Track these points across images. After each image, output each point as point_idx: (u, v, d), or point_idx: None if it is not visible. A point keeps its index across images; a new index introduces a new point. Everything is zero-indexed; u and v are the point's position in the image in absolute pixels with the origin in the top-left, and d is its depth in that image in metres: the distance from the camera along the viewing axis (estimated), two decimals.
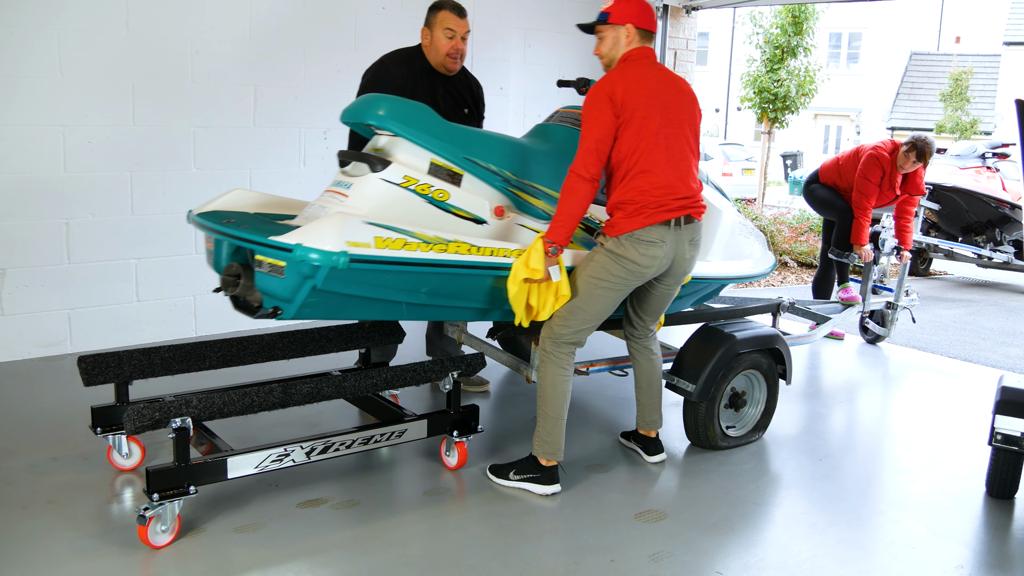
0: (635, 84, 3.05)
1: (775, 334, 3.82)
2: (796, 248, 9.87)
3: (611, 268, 3.10)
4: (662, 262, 3.15)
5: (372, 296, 2.86)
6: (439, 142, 3.07)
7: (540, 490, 3.23)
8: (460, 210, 3.12)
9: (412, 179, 3.02)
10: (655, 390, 3.55)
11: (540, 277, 3.00)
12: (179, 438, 2.73)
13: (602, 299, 3.14)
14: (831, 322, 5.05)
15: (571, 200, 3.02)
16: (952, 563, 2.91)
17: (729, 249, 4.11)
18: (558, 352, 3.18)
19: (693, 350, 3.69)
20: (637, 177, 3.06)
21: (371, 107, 3.06)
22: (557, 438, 3.22)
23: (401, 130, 3.02)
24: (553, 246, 3.00)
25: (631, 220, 3.07)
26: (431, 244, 2.84)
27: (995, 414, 3.28)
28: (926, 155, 5.35)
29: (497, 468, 3.32)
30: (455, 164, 3.11)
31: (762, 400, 3.86)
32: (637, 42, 3.15)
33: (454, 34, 3.75)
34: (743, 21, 14.68)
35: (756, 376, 3.81)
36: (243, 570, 2.65)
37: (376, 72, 3.84)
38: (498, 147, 3.24)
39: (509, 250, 3.04)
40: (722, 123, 30.57)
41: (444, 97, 3.88)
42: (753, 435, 3.86)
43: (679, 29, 6.58)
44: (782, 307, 4.70)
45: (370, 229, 2.71)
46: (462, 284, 3.02)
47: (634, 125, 3.03)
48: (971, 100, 22.88)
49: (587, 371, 3.74)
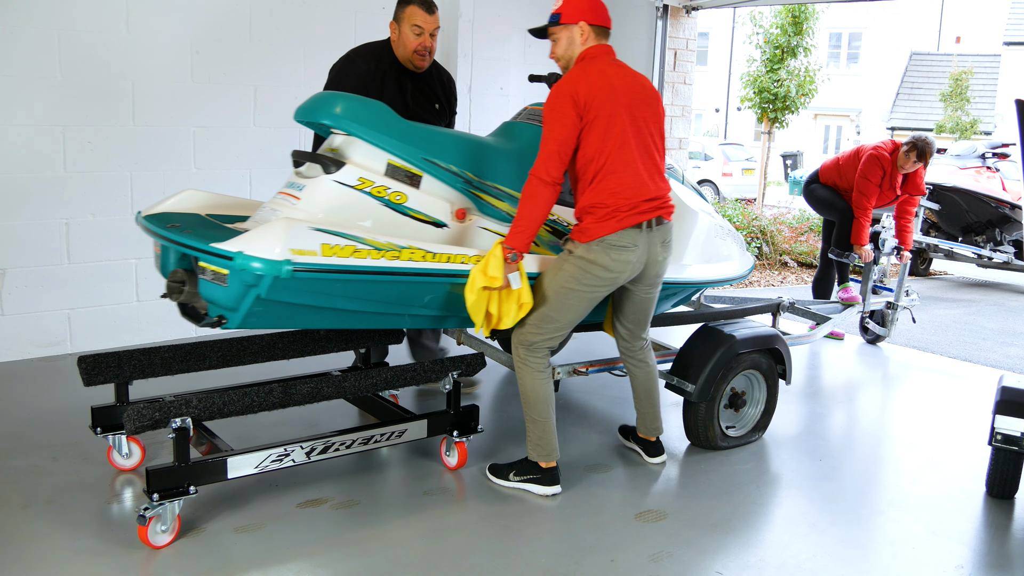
0: (598, 83, 2.96)
1: (775, 334, 3.82)
2: (796, 248, 9.87)
3: (581, 276, 3.02)
4: (635, 266, 3.08)
5: (323, 305, 2.77)
6: (397, 142, 2.97)
7: (541, 491, 3.21)
8: (419, 213, 3.02)
9: (367, 181, 2.91)
10: (654, 399, 3.50)
11: (498, 285, 2.91)
12: (179, 438, 2.73)
13: (574, 307, 3.07)
14: (831, 322, 5.05)
15: (532, 205, 2.92)
16: (952, 563, 2.91)
17: (705, 251, 4.02)
18: (532, 358, 3.13)
19: (693, 350, 3.69)
20: (607, 179, 2.98)
21: (325, 105, 2.96)
22: (549, 439, 3.19)
23: (356, 130, 2.92)
24: (512, 252, 2.92)
25: (603, 224, 2.98)
26: (383, 251, 2.74)
27: (995, 414, 3.27)
28: (926, 155, 5.35)
29: (497, 468, 3.30)
30: (414, 165, 3.01)
31: (762, 400, 3.86)
32: (593, 39, 3.06)
33: (422, 31, 3.61)
34: (743, 21, 14.68)
35: (756, 376, 3.81)
36: (243, 570, 2.65)
37: (342, 67, 3.73)
38: (460, 147, 3.14)
39: (467, 256, 2.94)
40: (722, 123, 30.57)
41: (414, 93, 3.77)
42: (753, 435, 3.86)
43: (679, 29, 6.57)
44: (782, 307, 4.70)
45: (317, 236, 2.60)
46: (418, 292, 2.93)
47: (600, 125, 2.94)
48: (971, 100, 22.89)
49: (587, 371, 3.74)
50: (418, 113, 3.75)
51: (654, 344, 4.21)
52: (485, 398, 4.30)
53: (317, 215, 2.83)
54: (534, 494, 3.20)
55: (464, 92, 5.79)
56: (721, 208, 10.57)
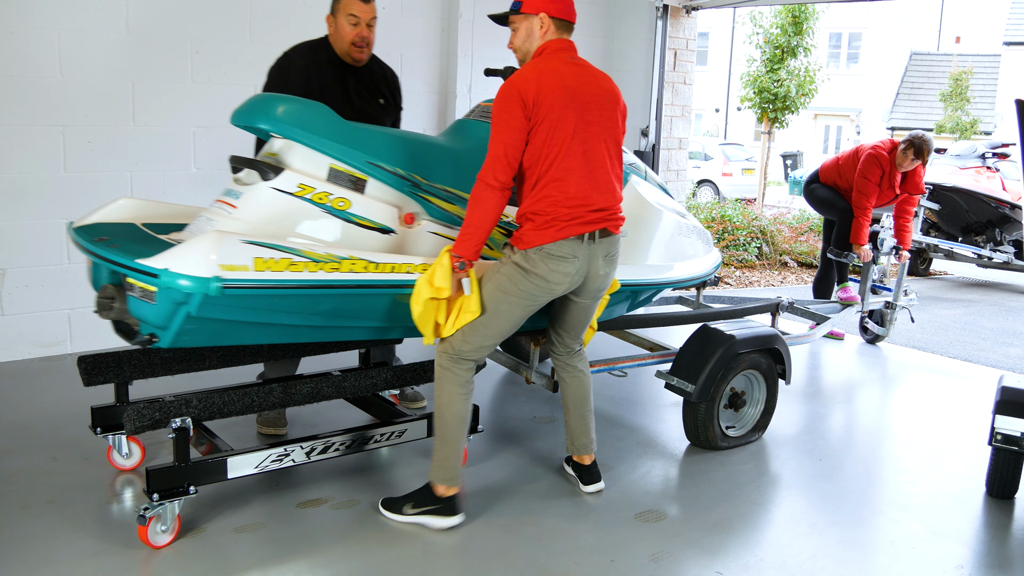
0: (549, 82, 2.77)
1: (774, 334, 3.82)
2: (796, 248, 9.87)
3: (518, 283, 2.84)
4: (573, 279, 2.89)
5: (261, 321, 2.65)
6: (339, 145, 2.84)
7: (439, 523, 2.94)
8: (364, 219, 2.87)
9: (308, 188, 2.78)
10: (584, 410, 3.27)
11: (445, 296, 2.75)
12: (179, 438, 2.73)
13: (507, 316, 2.88)
14: (830, 322, 5.05)
15: (479, 211, 2.75)
16: (952, 563, 2.91)
17: (669, 251, 3.86)
18: (456, 368, 2.90)
19: (692, 350, 3.69)
20: (548, 186, 2.80)
21: (261, 109, 2.82)
22: (455, 463, 2.95)
23: (295, 134, 2.78)
24: (460, 260, 2.75)
25: (541, 233, 2.81)
26: (321, 263, 2.60)
27: (995, 414, 3.28)
28: (924, 153, 5.35)
29: (390, 502, 3.02)
30: (357, 169, 2.88)
31: (762, 400, 3.86)
32: (553, 33, 2.88)
33: (358, 21, 3.48)
34: (743, 21, 14.68)
35: (755, 376, 3.81)
36: (243, 570, 2.65)
37: (280, 66, 3.59)
38: (406, 149, 3.01)
39: (413, 265, 2.80)
40: (722, 123, 30.57)
41: (356, 88, 3.63)
42: (753, 435, 3.86)
43: (679, 29, 6.57)
44: (781, 307, 4.70)
45: (249, 249, 2.46)
46: (361, 304, 2.80)
47: (545, 129, 2.76)
48: (971, 100, 22.90)
49: None
50: (363, 109, 3.61)
51: (653, 344, 4.22)
52: (485, 398, 4.30)
53: (254, 225, 2.70)
54: (431, 528, 2.94)
55: (464, 92, 5.80)
56: (721, 208, 10.57)
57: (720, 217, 10.12)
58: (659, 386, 4.32)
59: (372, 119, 3.60)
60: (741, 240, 9.68)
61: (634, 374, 4.66)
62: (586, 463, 3.29)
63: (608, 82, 2.95)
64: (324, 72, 3.55)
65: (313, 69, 3.53)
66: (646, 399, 4.42)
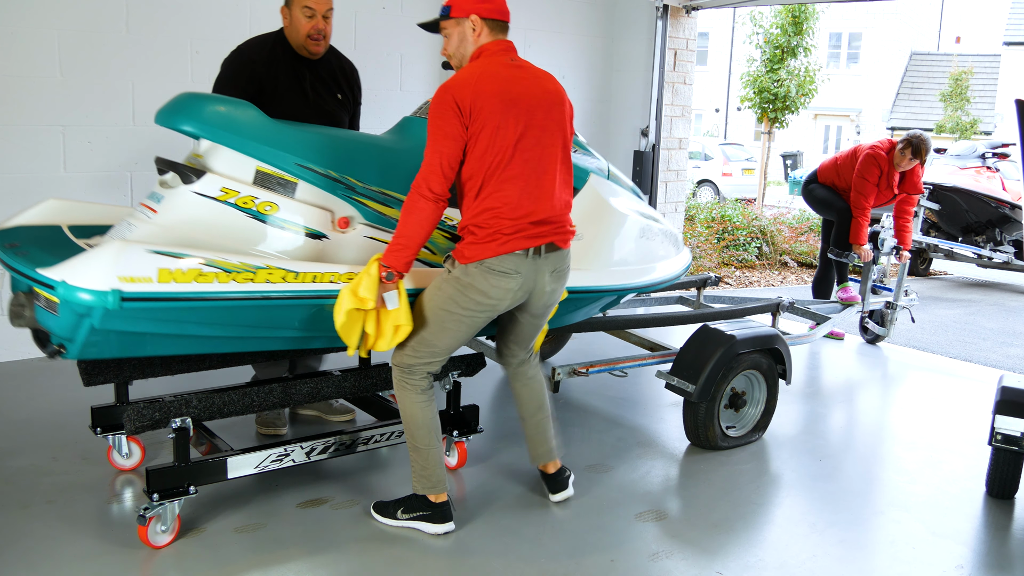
0: (487, 86, 2.63)
1: (775, 334, 3.82)
2: (796, 248, 9.88)
3: (458, 299, 2.71)
4: (516, 295, 2.75)
5: (174, 332, 2.55)
6: (266, 147, 2.70)
7: (432, 529, 2.88)
8: (293, 224, 2.74)
9: (231, 191, 2.66)
10: (540, 417, 3.13)
11: (369, 307, 2.61)
12: (179, 438, 2.73)
13: (452, 332, 2.77)
14: (830, 322, 5.05)
15: (412, 221, 2.61)
16: (952, 563, 2.90)
17: (633, 256, 3.67)
18: (411, 380, 2.82)
19: (693, 350, 3.69)
20: (488, 197, 2.65)
21: (183, 110, 2.67)
22: (434, 470, 2.86)
23: (219, 135, 2.66)
24: (389, 271, 2.61)
25: (482, 247, 2.66)
26: (233, 273, 2.46)
27: (995, 414, 3.28)
28: (921, 152, 5.36)
29: (382, 506, 2.97)
30: (286, 172, 2.74)
31: (762, 400, 3.86)
32: (488, 35, 2.75)
33: (314, 13, 3.34)
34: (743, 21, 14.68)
35: (756, 376, 3.81)
36: (243, 570, 2.65)
37: (232, 61, 3.45)
38: (341, 149, 2.87)
39: (337, 274, 2.66)
40: (722, 123, 30.57)
41: (312, 83, 3.48)
42: (753, 435, 3.86)
43: (679, 29, 6.57)
44: (781, 307, 4.69)
45: (153, 260, 2.35)
46: (281, 315, 2.67)
47: (484, 138, 2.61)
48: (971, 100, 22.91)
49: (587, 372, 3.74)
50: (319, 104, 3.47)
51: (654, 344, 4.22)
52: (485, 398, 4.30)
53: (174, 231, 2.60)
54: (424, 533, 2.89)
55: None
56: (721, 208, 10.58)
57: (720, 217, 10.12)
58: (659, 386, 4.32)
59: (329, 115, 3.50)
60: (741, 240, 9.68)
61: (634, 374, 4.66)
62: (551, 471, 3.17)
63: (552, 82, 2.82)
64: (279, 67, 3.41)
65: (267, 64, 3.39)
66: (646, 399, 4.42)
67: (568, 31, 6.43)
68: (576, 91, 6.57)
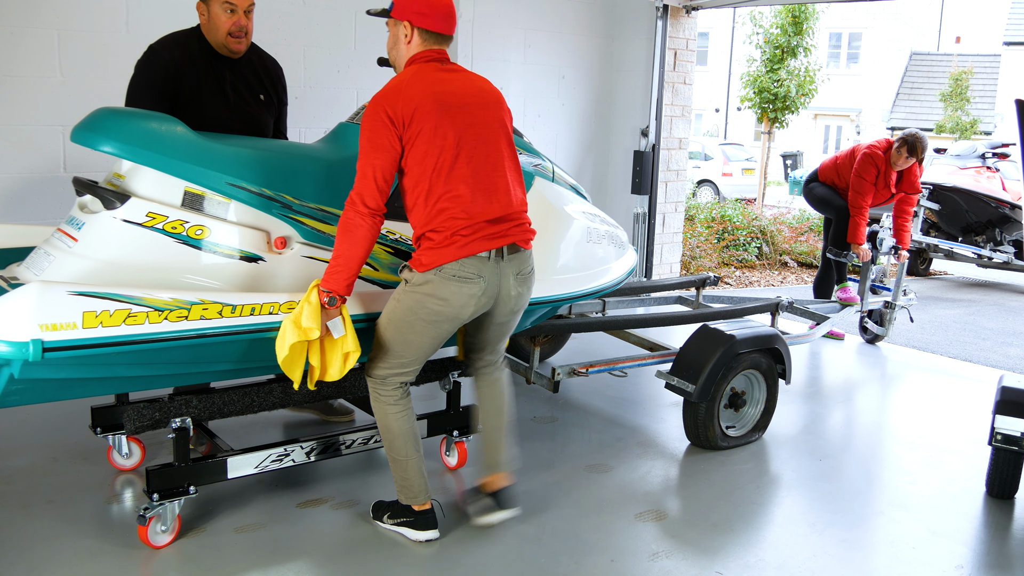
0: (417, 91, 2.56)
1: (774, 334, 3.82)
2: (796, 248, 9.88)
3: (419, 309, 2.62)
4: (481, 300, 2.65)
5: (103, 376, 2.40)
6: (194, 166, 2.53)
7: (415, 535, 2.83)
8: (226, 248, 2.60)
9: (159, 216, 2.49)
10: (498, 423, 3.00)
11: (315, 336, 2.49)
12: (179, 438, 2.73)
13: (417, 343, 2.68)
14: (829, 321, 5.05)
15: (348, 241, 2.50)
16: (952, 563, 2.91)
17: (576, 260, 3.51)
18: (384, 390, 2.76)
19: (693, 350, 3.69)
20: (440, 200, 2.57)
21: (100, 128, 2.48)
22: (415, 479, 2.80)
23: (142, 156, 2.46)
24: (330, 296, 2.50)
25: (440, 252, 2.57)
26: (166, 312, 2.30)
27: (995, 414, 3.28)
28: (918, 150, 5.37)
29: (377, 506, 2.96)
30: (217, 192, 2.58)
31: (762, 400, 3.86)
32: (420, 44, 2.66)
33: (235, 8, 3.12)
34: (743, 21, 14.68)
35: (756, 376, 3.81)
36: (243, 570, 2.65)
37: (144, 62, 3.20)
38: (275, 165, 2.71)
39: (277, 304, 2.51)
40: (722, 123, 30.57)
41: (233, 83, 3.25)
42: (753, 435, 3.86)
43: (679, 29, 6.57)
44: (780, 307, 4.69)
45: (77, 302, 2.16)
46: (218, 351, 2.51)
47: (422, 143, 2.54)
48: (971, 100, 22.92)
49: (587, 372, 3.74)
50: (240, 107, 3.25)
51: (653, 344, 4.22)
52: None
53: (96, 261, 2.43)
54: (408, 539, 2.85)
55: None
56: (721, 208, 10.58)
57: (720, 217, 10.13)
58: (659, 386, 4.33)
59: (252, 118, 3.30)
60: (741, 240, 9.68)
61: (634, 374, 4.66)
62: (496, 487, 2.95)
63: (486, 83, 2.77)
64: (196, 67, 3.16)
65: (183, 64, 3.14)
66: (646, 399, 4.42)
67: (568, 31, 6.42)
68: (576, 91, 6.57)
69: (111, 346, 2.23)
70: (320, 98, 5.30)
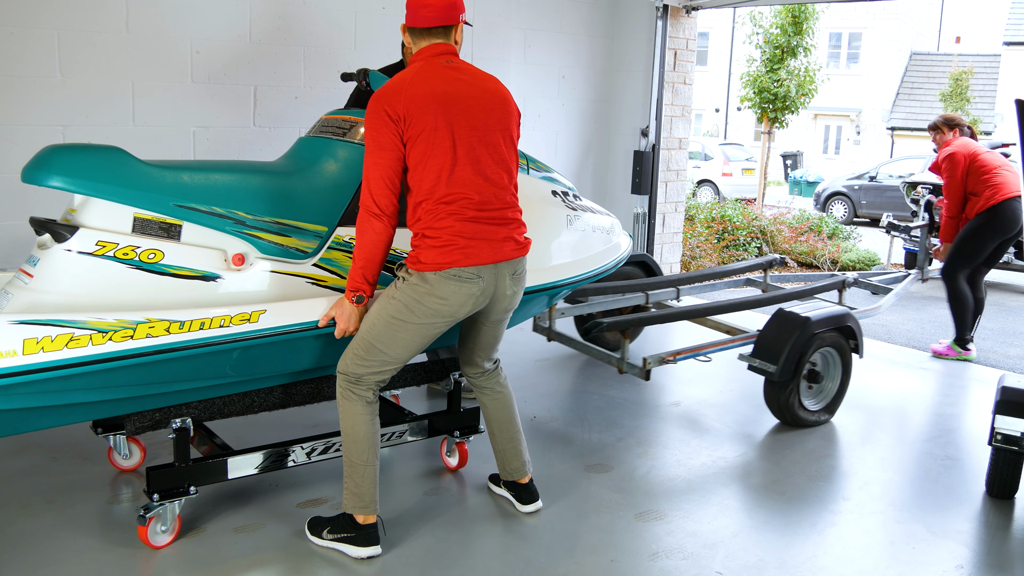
0: (420, 91, 2.56)
1: (846, 312, 4.12)
2: (796, 248, 9.88)
3: (414, 307, 2.62)
4: (478, 300, 2.66)
5: (57, 403, 2.41)
6: (139, 192, 2.54)
7: (354, 552, 2.73)
8: (181, 270, 2.61)
9: (109, 244, 2.51)
10: (512, 431, 3.06)
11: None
12: (179, 438, 2.73)
13: (404, 341, 2.67)
14: (893, 292, 5.34)
15: (365, 242, 2.58)
16: (952, 563, 2.91)
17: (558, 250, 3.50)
18: (357, 391, 2.72)
19: (771, 333, 3.96)
20: (439, 202, 2.59)
21: (46, 165, 2.47)
22: (368, 489, 2.72)
23: (87, 187, 2.48)
24: (357, 294, 2.64)
25: (441, 252, 2.59)
26: (110, 332, 2.33)
27: (995, 414, 3.28)
28: (936, 128, 5.57)
29: (314, 522, 2.85)
30: (167, 214, 2.59)
31: (838, 375, 4.16)
32: (414, 43, 2.71)
33: None
34: (743, 21, 14.69)
35: (831, 353, 4.09)
36: (243, 570, 2.65)
37: None
38: (225, 183, 2.71)
39: (228, 317, 2.55)
40: (722, 123, 30.58)
41: None
42: (823, 415, 4.15)
43: (679, 29, 6.57)
44: (847, 284, 5.12)
45: (17, 331, 2.22)
46: (175, 369, 2.54)
47: (421, 143, 2.55)
48: (971, 100, 22.92)
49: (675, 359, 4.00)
50: None
51: (731, 328, 4.40)
52: None
53: (53, 295, 2.45)
54: (348, 556, 2.74)
55: None
56: (721, 208, 10.58)
57: (720, 217, 10.13)
58: (658, 386, 4.33)
59: None
60: (741, 240, 9.68)
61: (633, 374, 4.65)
62: (524, 483, 3.10)
63: (494, 83, 2.75)
64: None
65: None
66: (646, 399, 4.42)
67: (568, 31, 6.43)
68: (576, 91, 6.58)
69: (54, 370, 2.27)
70: (320, 98, 5.30)
